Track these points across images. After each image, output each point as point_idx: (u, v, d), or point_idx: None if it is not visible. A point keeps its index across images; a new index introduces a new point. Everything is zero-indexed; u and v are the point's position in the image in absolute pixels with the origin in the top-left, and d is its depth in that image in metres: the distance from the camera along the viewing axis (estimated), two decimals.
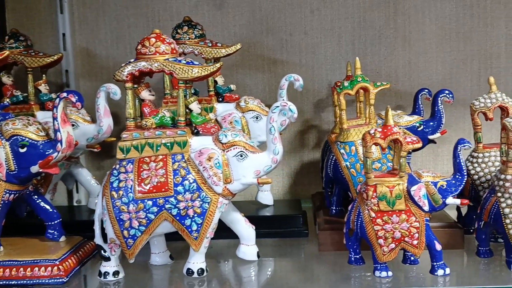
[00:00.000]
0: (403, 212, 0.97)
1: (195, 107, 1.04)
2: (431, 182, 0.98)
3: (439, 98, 1.20)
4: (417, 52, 1.55)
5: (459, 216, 1.21)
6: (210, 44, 1.27)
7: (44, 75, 1.38)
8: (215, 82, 1.30)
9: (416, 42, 1.55)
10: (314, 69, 1.58)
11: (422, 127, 1.19)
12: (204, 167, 1.00)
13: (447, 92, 1.20)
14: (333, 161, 1.19)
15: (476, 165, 1.13)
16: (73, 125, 1.27)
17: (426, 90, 1.30)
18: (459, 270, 1.05)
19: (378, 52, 1.56)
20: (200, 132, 1.04)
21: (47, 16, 1.62)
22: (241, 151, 1.01)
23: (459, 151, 0.98)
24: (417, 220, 0.97)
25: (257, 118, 1.27)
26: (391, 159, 1.14)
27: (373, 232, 0.98)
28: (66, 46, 1.58)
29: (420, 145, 0.97)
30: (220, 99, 1.30)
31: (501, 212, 0.97)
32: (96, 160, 1.60)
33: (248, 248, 1.10)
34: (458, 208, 1.20)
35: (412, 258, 1.04)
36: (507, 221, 0.97)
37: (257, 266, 1.11)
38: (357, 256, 1.05)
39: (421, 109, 1.28)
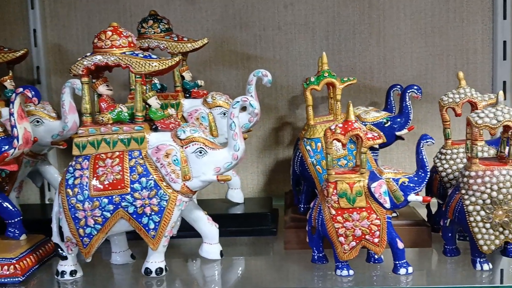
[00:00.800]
0: (363, 209, 0.95)
1: (153, 102, 1.01)
2: (393, 178, 0.95)
3: (407, 94, 1.17)
4: (392, 48, 1.53)
5: (429, 214, 1.19)
6: (176, 39, 1.24)
7: (10, 71, 1.36)
8: (182, 77, 1.27)
9: (391, 37, 1.52)
10: (288, 65, 1.56)
11: (389, 123, 1.17)
12: (161, 164, 0.98)
13: (415, 87, 1.17)
14: (299, 158, 1.16)
15: (444, 161, 1.11)
16: (38, 121, 1.25)
17: (399, 86, 1.28)
18: (424, 269, 1.03)
19: (352, 48, 1.54)
20: (159, 128, 1.01)
21: (18, 12, 1.58)
22: (200, 147, 0.98)
23: (422, 147, 0.95)
24: (378, 217, 0.95)
25: (224, 114, 1.23)
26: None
27: (334, 230, 0.96)
28: (37, 42, 1.55)
29: (381, 141, 0.94)
30: (187, 95, 1.28)
31: (465, 210, 0.95)
32: (64, 157, 1.57)
33: (211, 247, 1.08)
34: (428, 206, 1.18)
35: (376, 256, 1.02)
36: (471, 219, 0.94)
37: (221, 265, 1.09)
38: (321, 255, 1.02)
39: (393, 105, 1.26)
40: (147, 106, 1.01)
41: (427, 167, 0.96)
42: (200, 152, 0.98)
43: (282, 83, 1.57)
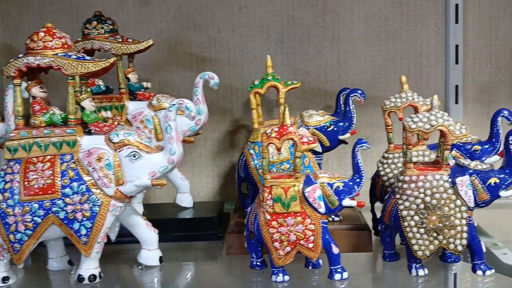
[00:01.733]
0: (298, 214, 0.93)
1: (87, 104, 0.99)
2: (327, 183, 0.94)
3: (350, 98, 1.16)
4: (346, 51, 1.52)
5: (374, 219, 1.18)
6: (120, 40, 1.22)
7: None
8: (128, 79, 1.25)
9: (345, 41, 1.52)
10: (243, 67, 1.55)
11: (332, 127, 1.15)
12: (93, 168, 0.95)
13: (359, 92, 1.16)
14: (243, 162, 1.15)
15: (386, 166, 1.10)
16: None
17: (348, 90, 1.28)
18: (361, 274, 1.02)
19: (307, 51, 1.53)
20: (92, 131, 0.99)
21: None
22: (134, 151, 0.96)
23: (357, 151, 0.95)
24: (312, 222, 0.93)
25: None
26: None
27: (269, 235, 0.94)
28: None
29: (316, 145, 0.93)
30: (132, 97, 1.25)
31: (399, 215, 0.94)
32: None
33: (150, 253, 1.06)
34: (372, 210, 1.17)
35: (313, 262, 1.01)
36: (405, 224, 0.94)
37: (160, 272, 1.06)
38: (259, 260, 1.01)
39: (342, 109, 1.25)
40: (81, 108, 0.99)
41: (362, 172, 0.95)
42: (134, 156, 0.96)
43: (237, 85, 1.55)
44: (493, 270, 0.95)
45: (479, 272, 0.94)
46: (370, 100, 1.38)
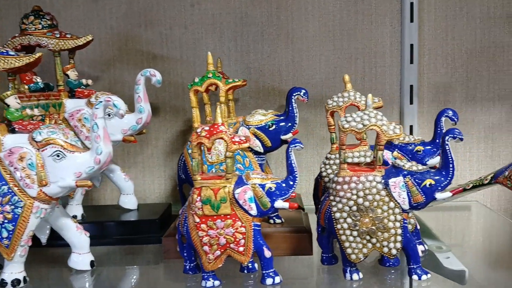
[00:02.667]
0: (228, 216, 0.90)
1: (12, 101, 0.94)
2: (259, 184, 0.91)
3: (293, 97, 1.13)
4: (300, 50, 1.49)
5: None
6: (58, 35, 1.18)
7: None
8: (67, 76, 1.21)
9: (299, 39, 1.49)
10: (195, 66, 1.51)
11: (274, 126, 1.12)
12: (15, 168, 0.91)
13: (303, 91, 1.13)
14: (182, 163, 1.12)
15: (328, 166, 1.08)
16: None
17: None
18: (296, 279, 0.98)
19: (261, 50, 1.50)
20: (16, 130, 0.95)
21: None
22: (58, 151, 0.92)
23: (290, 152, 0.91)
24: (243, 225, 0.90)
25: (109, 116, 1.18)
26: (240, 159, 1.08)
27: (198, 239, 0.90)
28: None
29: (247, 145, 0.90)
30: (71, 95, 1.21)
31: (333, 217, 0.91)
32: None
33: (80, 257, 1.01)
34: (316, 212, 1.15)
35: (249, 265, 0.98)
36: (338, 226, 0.91)
37: (91, 276, 1.02)
38: (192, 265, 0.97)
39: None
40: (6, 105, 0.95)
41: (296, 173, 0.92)
42: (58, 156, 0.92)
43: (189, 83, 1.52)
44: (429, 275, 0.92)
45: (415, 277, 0.91)
46: (325, 100, 1.35)
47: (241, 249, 0.90)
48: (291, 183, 0.92)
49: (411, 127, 1.47)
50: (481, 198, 1.54)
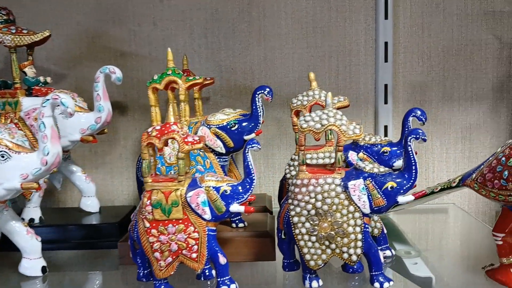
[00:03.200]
0: (180, 221, 0.85)
1: None
2: (213, 187, 0.86)
3: (257, 96, 1.08)
4: (273, 48, 1.45)
5: None
6: (14, 31, 1.13)
7: None
8: (24, 73, 1.16)
9: (272, 37, 1.44)
10: (165, 63, 1.42)
11: (236, 126, 1.07)
12: None
13: (267, 89, 1.08)
14: (141, 165, 1.07)
15: (292, 168, 1.03)
16: None
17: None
18: (256, 286, 0.94)
19: (232, 47, 1.46)
20: None
21: None
22: (2, 151, 0.87)
23: (247, 153, 0.87)
24: (196, 230, 0.85)
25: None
26: (200, 160, 1.04)
27: (148, 244, 0.86)
28: None
29: (200, 145, 0.85)
30: (28, 93, 1.16)
31: (291, 221, 0.87)
32: None
33: (31, 263, 0.97)
34: None
35: (206, 272, 0.93)
36: (297, 231, 0.86)
37: (43, 282, 0.97)
38: (146, 272, 0.92)
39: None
40: None
41: (253, 175, 0.88)
42: (3, 157, 0.87)
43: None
44: (391, 283, 0.87)
45: (377, 285, 0.87)
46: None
47: (194, 255, 0.86)
48: (248, 186, 0.87)
49: (385, 127, 1.43)
50: (458, 201, 1.50)
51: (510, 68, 1.44)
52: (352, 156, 1.00)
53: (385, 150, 1.01)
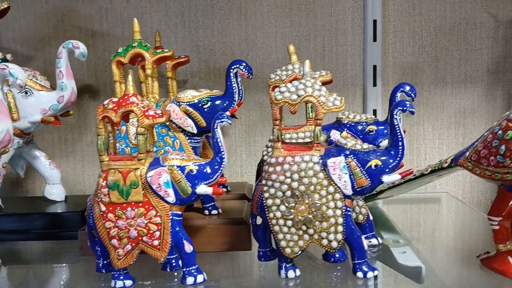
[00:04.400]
0: (140, 204, 0.76)
1: None
2: (177, 166, 0.77)
3: (231, 71, 0.98)
4: (254, 27, 1.36)
5: None
6: None
7: None
8: None
9: (253, 15, 1.35)
10: None
11: (209, 104, 0.97)
12: None
13: (244, 64, 0.99)
14: None
15: (270, 149, 0.95)
16: None
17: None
18: (223, 278, 0.84)
19: (211, 26, 1.36)
20: None
21: None
22: None
23: (216, 128, 0.78)
24: (158, 214, 0.76)
25: (26, 93, 1.04)
26: (169, 141, 0.95)
27: (105, 231, 0.77)
28: None
29: (163, 119, 0.76)
30: None
31: (264, 204, 0.78)
32: None
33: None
34: None
35: (173, 262, 0.84)
36: (271, 215, 0.77)
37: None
38: (106, 262, 0.83)
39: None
40: None
41: (223, 153, 0.79)
42: None
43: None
44: (376, 272, 0.79)
45: (359, 274, 0.78)
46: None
47: (155, 243, 0.77)
48: (217, 165, 0.78)
49: (374, 111, 1.34)
50: (452, 190, 1.42)
51: (506, 48, 1.35)
52: (335, 135, 0.91)
53: (370, 129, 0.92)
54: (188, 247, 0.78)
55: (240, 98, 0.99)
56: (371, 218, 0.93)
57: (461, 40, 1.35)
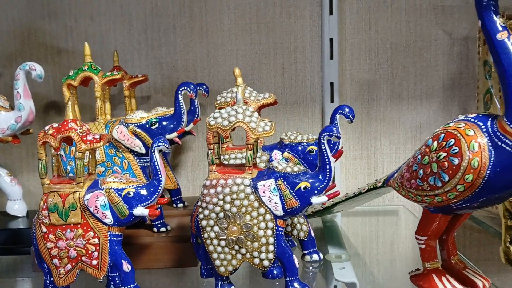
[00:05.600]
0: (78, 226, 0.79)
1: None
2: (115, 189, 0.80)
3: (180, 93, 1.02)
4: (215, 44, 1.39)
5: None
6: None
7: None
8: None
9: (214, 33, 1.39)
10: (103, 60, 1.39)
11: (157, 125, 1.01)
12: None
13: (192, 86, 1.02)
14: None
15: None
16: None
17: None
18: None
19: (173, 43, 1.40)
20: None
21: None
22: None
23: (153, 152, 0.81)
24: (96, 235, 0.80)
25: None
26: (117, 161, 0.98)
27: (46, 250, 0.80)
28: None
29: (100, 144, 0.79)
30: None
31: (200, 225, 0.81)
32: None
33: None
34: None
35: (117, 280, 0.87)
36: (205, 235, 0.80)
37: None
38: (52, 279, 0.86)
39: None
40: None
41: (161, 176, 0.82)
42: None
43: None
44: None
45: None
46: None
47: (94, 262, 0.80)
48: (153, 188, 0.81)
49: None
50: (408, 203, 1.45)
51: (461, 65, 1.39)
52: (276, 155, 0.94)
53: (311, 149, 0.96)
54: (127, 266, 0.81)
55: (196, 116, 1.03)
56: (312, 234, 0.97)
57: (417, 57, 1.39)
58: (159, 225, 1.01)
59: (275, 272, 0.88)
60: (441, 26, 1.38)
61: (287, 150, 0.95)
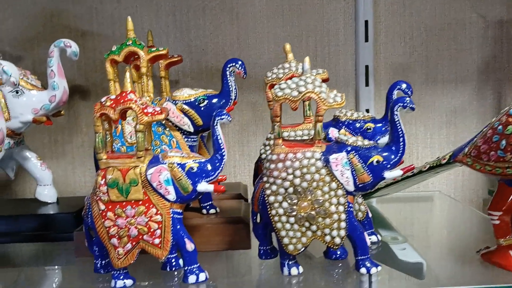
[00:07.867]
0: (140, 202, 0.75)
1: None
2: (178, 164, 0.76)
3: (227, 70, 0.97)
4: (246, 27, 1.36)
5: None
6: None
7: None
8: None
9: (245, 15, 1.35)
10: None
11: (205, 102, 0.96)
12: None
13: (240, 62, 0.98)
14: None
15: (268, 148, 0.94)
16: None
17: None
18: (228, 277, 0.84)
19: (203, 26, 1.36)
20: None
21: None
22: None
23: (216, 125, 0.77)
24: (159, 212, 0.75)
25: (17, 93, 1.02)
26: (166, 140, 0.93)
27: (104, 230, 0.75)
28: None
29: (162, 116, 0.75)
30: None
31: (266, 201, 0.77)
32: None
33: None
34: None
35: (173, 262, 0.83)
36: (273, 212, 0.76)
37: None
38: (105, 262, 0.81)
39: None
40: None
41: (223, 150, 0.78)
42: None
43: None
44: (380, 268, 0.79)
45: (363, 270, 0.78)
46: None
47: (156, 241, 0.75)
48: (218, 163, 0.77)
49: (367, 110, 1.34)
50: (444, 188, 1.43)
51: (495, 48, 1.37)
52: (333, 133, 0.91)
53: (368, 127, 0.93)
54: (190, 246, 0.76)
55: (235, 97, 0.99)
56: (370, 215, 0.93)
57: (451, 40, 1.37)
58: (208, 207, 0.96)
59: (338, 252, 0.84)
60: (475, 9, 1.36)
61: (343, 127, 0.92)
